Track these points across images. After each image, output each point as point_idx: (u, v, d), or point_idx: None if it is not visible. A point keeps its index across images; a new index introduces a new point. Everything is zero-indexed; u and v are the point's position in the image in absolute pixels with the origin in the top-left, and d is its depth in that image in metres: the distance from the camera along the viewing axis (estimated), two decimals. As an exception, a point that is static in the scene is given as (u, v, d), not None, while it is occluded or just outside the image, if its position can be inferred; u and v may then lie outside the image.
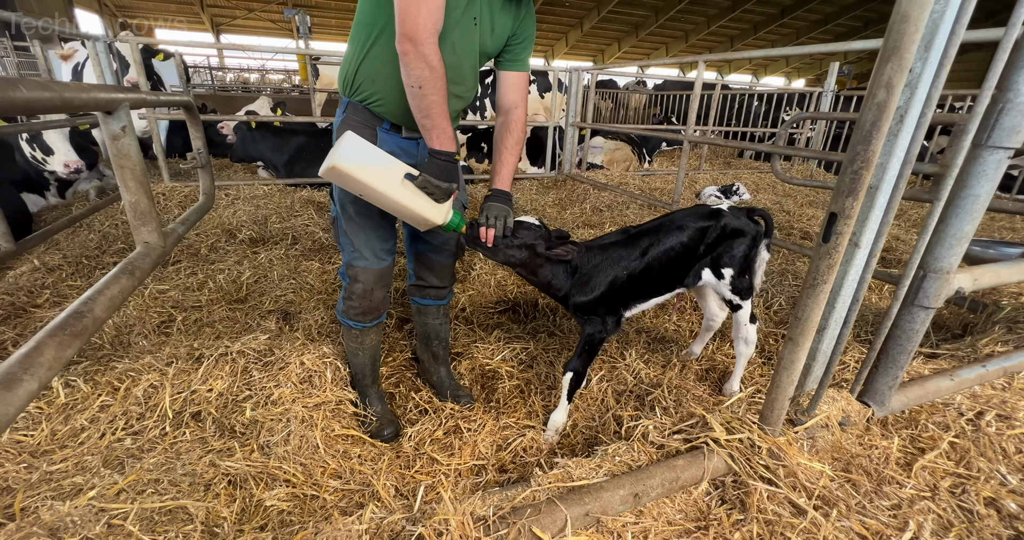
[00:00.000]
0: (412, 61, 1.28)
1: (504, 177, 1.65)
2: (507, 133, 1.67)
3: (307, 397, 1.80)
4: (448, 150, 1.40)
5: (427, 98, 1.33)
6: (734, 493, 1.26)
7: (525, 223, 1.71)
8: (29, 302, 2.51)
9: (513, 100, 1.67)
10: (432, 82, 1.31)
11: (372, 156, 1.42)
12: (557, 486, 1.23)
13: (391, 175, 1.43)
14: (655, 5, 21.89)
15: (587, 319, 1.80)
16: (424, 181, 1.43)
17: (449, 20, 1.37)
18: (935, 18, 1.05)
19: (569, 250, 1.70)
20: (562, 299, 1.83)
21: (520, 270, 1.78)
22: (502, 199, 1.62)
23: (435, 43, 1.30)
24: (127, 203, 1.22)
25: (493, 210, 1.60)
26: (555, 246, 1.72)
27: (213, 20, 21.20)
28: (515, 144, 1.67)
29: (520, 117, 1.68)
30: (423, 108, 1.35)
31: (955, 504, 1.30)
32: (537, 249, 1.70)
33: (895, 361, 1.44)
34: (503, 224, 1.60)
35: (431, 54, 1.29)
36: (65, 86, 0.93)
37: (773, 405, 1.30)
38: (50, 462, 1.46)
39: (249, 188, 4.83)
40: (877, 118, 0.98)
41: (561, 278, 1.78)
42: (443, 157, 1.41)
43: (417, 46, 1.27)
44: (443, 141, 1.39)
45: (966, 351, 2.05)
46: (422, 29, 1.26)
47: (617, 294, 1.78)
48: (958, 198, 1.24)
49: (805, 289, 1.16)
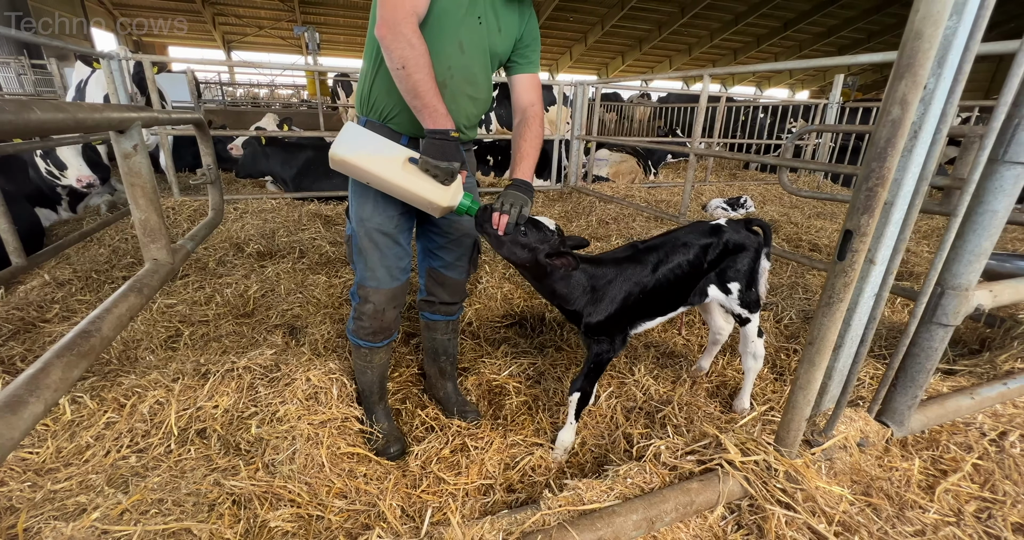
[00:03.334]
0: (391, 42, 1.30)
1: (525, 168, 1.62)
2: (526, 127, 1.65)
3: (313, 414, 1.78)
4: (443, 128, 1.38)
5: (412, 77, 1.32)
6: (751, 518, 1.22)
7: (540, 224, 1.63)
8: (39, 317, 2.52)
9: (530, 99, 1.68)
10: (415, 60, 1.31)
11: (372, 143, 1.43)
12: (568, 510, 1.20)
13: (393, 160, 1.42)
14: (658, 19, 22.17)
15: (596, 338, 1.76)
16: (424, 163, 1.40)
17: (454, 19, 1.40)
18: (948, 34, 1.04)
19: (567, 262, 1.62)
20: (571, 314, 1.79)
21: (523, 273, 1.72)
22: (522, 188, 1.56)
23: (415, 24, 1.32)
24: (137, 220, 1.22)
25: (510, 198, 1.52)
26: (557, 254, 1.64)
27: (224, 37, 21.73)
28: (535, 137, 1.65)
29: (537, 113, 1.67)
30: (410, 88, 1.34)
31: (982, 530, 1.25)
32: (538, 254, 1.63)
33: (914, 380, 1.40)
34: (517, 212, 1.52)
35: (411, 33, 1.30)
36: (78, 107, 0.94)
37: (789, 426, 1.26)
38: (54, 481, 1.45)
39: (257, 202, 4.88)
40: (892, 135, 0.97)
41: (573, 291, 1.70)
42: (438, 135, 1.38)
43: (394, 27, 1.29)
44: (436, 119, 1.37)
45: (984, 367, 2.00)
46: (399, 10, 1.29)
47: (630, 311, 1.75)
48: (975, 214, 1.22)
49: (820, 307, 1.14)
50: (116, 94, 4.25)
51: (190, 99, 5.71)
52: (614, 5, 20.58)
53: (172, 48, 22.81)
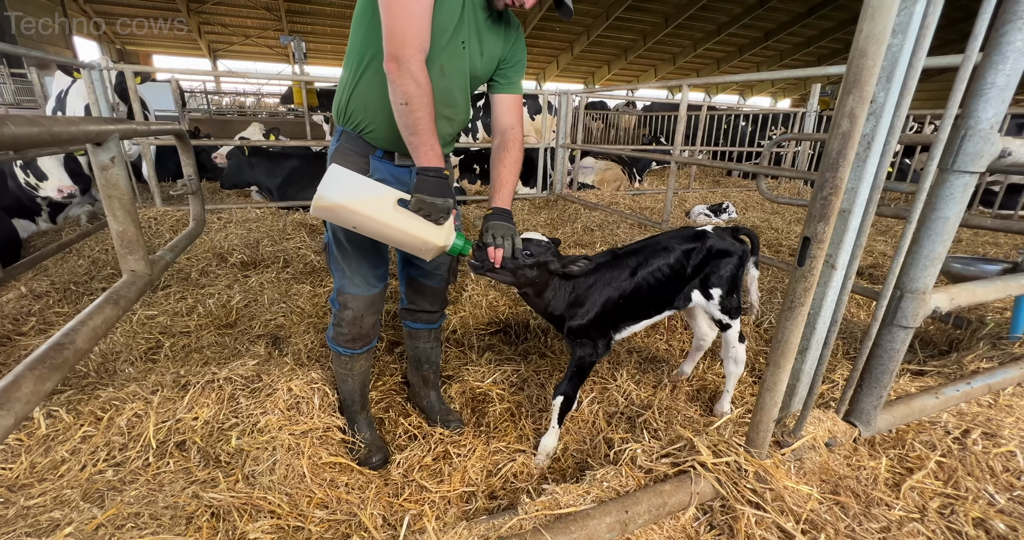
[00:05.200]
0: (398, 78, 1.30)
1: (504, 195, 1.62)
2: (504, 152, 1.65)
3: (294, 424, 1.77)
4: (437, 166, 1.39)
5: (414, 114, 1.33)
6: (722, 518, 1.25)
7: (535, 240, 1.66)
8: (14, 330, 2.49)
9: (509, 121, 1.68)
10: (419, 98, 1.32)
11: (360, 186, 1.38)
12: (544, 514, 1.22)
13: (383, 203, 1.38)
14: (643, 29, 22.61)
15: (579, 342, 1.80)
16: (419, 202, 1.39)
17: (438, 45, 1.40)
18: (894, 51, 1.10)
19: (584, 265, 1.66)
20: (556, 319, 1.82)
21: (528, 290, 1.72)
22: (505, 217, 1.57)
23: (422, 61, 1.32)
24: (114, 232, 1.23)
25: (499, 229, 1.54)
26: (568, 262, 1.68)
27: (210, 46, 21.64)
28: (513, 163, 1.65)
29: (517, 137, 1.67)
30: (410, 125, 1.35)
31: (944, 525, 1.30)
32: (551, 266, 1.65)
33: (878, 381, 1.45)
34: (511, 243, 1.54)
35: (418, 71, 1.31)
36: (53, 121, 0.95)
37: (758, 427, 1.30)
38: (28, 496, 1.43)
39: (241, 212, 4.85)
40: (843, 146, 1.02)
41: (557, 296, 1.75)
42: (432, 173, 1.39)
43: (403, 64, 1.29)
44: (431, 157, 1.38)
45: (952, 368, 2.06)
46: (409, 48, 1.29)
47: (610, 315, 1.79)
48: (929, 220, 1.28)
49: (783, 311, 1.18)
50: (97, 105, 4.22)
51: (163, 107, 5.68)
52: (599, 15, 20.95)
53: (157, 57, 22.66)
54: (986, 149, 1.18)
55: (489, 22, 1.51)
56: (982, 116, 1.18)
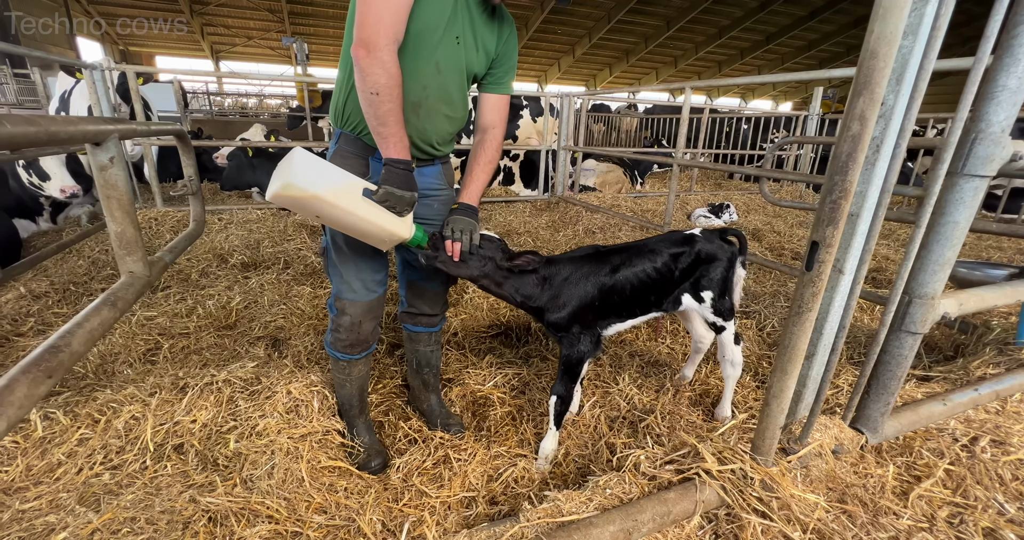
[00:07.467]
0: (368, 67, 1.27)
1: (472, 192, 1.63)
2: (481, 151, 1.66)
3: (293, 428, 1.75)
4: (405, 158, 1.39)
5: (384, 105, 1.31)
6: (727, 527, 1.23)
7: (486, 235, 1.69)
8: (12, 330, 2.47)
9: (492, 120, 1.67)
10: (389, 89, 1.30)
11: (329, 174, 1.33)
12: (546, 522, 1.19)
13: (351, 192, 1.34)
14: (644, 32, 22.61)
15: (562, 337, 1.78)
16: (386, 193, 1.37)
17: (432, 40, 1.39)
18: (904, 53, 1.08)
19: (530, 260, 1.68)
20: (536, 311, 1.81)
21: (484, 282, 1.74)
22: (469, 213, 1.59)
23: (394, 51, 1.30)
24: (113, 233, 1.21)
25: (460, 224, 1.55)
26: (516, 255, 1.69)
27: (213, 48, 21.69)
28: (488, 162, 1.66)
29: (496, 137, 1.67)
30: (380, 115, 1.33)
31: (954, 535, 1.28)
32: (499, 261, 1.67)
33: (886, 387, 1.43)
34: (469, 238, 1.55)
35: (389, 60, 1.29)
36: (51, 120, 0.94)
37: (764, 434, 1.28)
38: (23, 500, 1.41)
39: (242, 213, 4.85)
40: (852, 149, 1.00)
41: (530, 289, 1.75)
42: (401, 166, 1.39)
43: (374, 52, 1.26)
44: (399, 149, 1.38)
45: (958, 374, 2.04)
46: (382, 35, 1.26)
47: (589, 310, 1.77)
48: (938, 225, 1.26)
49: (791, 317, 1.17)
50: (99, 105, 4.22)
51: (168, 108, 5.68)
52: (601, 18, 20.97)
53: (159, 58, 22.71)
54: (997, 153, 1.17)
55: (484, 17, 1.50)
56: (993, 119, 1.17)
